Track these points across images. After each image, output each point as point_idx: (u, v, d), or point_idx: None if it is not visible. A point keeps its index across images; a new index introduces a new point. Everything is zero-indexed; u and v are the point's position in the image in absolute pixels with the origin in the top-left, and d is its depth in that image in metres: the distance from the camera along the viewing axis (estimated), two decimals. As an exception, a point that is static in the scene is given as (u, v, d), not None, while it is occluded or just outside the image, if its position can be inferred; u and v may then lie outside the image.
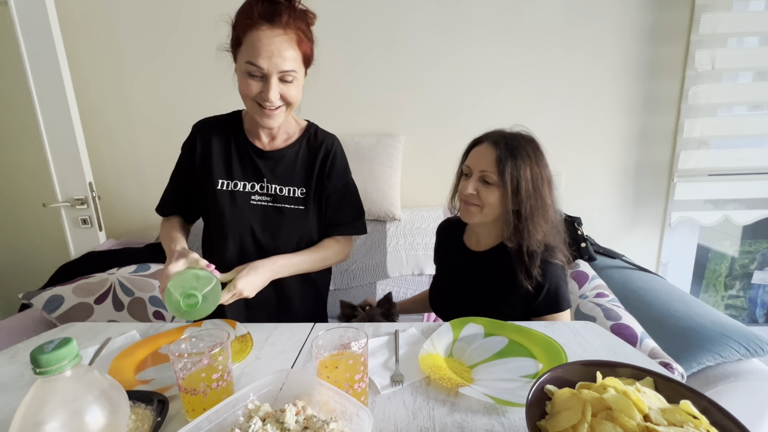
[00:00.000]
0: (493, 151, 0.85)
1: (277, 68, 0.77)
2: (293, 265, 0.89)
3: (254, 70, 0.77)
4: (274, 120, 0.83)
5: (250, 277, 0.79)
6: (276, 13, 0.75)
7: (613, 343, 0.75)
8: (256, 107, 0.82)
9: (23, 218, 1.73)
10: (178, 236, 0.88)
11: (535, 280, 0.85)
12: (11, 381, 0.67)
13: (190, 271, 0.70)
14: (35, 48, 1.50)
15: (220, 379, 0.55)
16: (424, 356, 0.68)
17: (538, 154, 0.87)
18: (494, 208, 0.87)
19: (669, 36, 1.59)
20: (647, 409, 0.42)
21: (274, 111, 0.81)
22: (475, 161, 0.89)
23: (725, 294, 1.99)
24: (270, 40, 0.75)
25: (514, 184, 0.83)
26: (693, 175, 1.67)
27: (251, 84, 0.79)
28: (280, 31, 0.76)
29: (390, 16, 1.61)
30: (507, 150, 0.84)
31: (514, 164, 0.83)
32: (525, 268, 0.85)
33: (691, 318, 1.07)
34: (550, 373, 0.51)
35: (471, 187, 0.87)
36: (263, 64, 0.76)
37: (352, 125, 1.72)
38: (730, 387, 0.93)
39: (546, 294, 0.86)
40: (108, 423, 0.33)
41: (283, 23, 0.76)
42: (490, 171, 0.85)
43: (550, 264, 0.86)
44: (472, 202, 0.88)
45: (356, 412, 0.47)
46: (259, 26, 0.75)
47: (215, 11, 0.80)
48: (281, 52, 0.76)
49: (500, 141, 0.86)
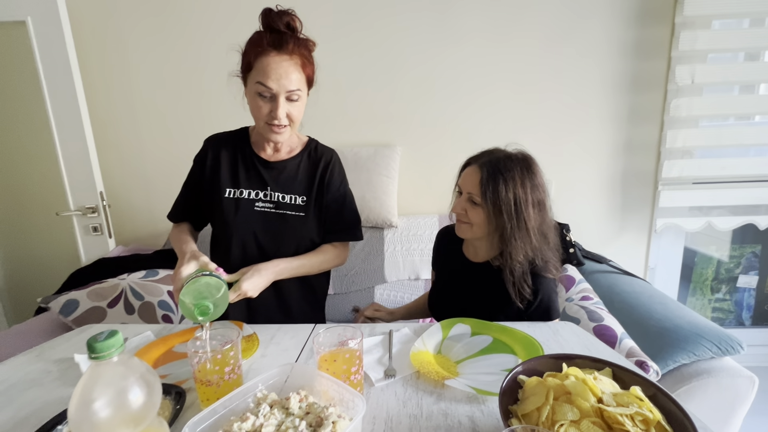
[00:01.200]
0: (478, 173, 0.90)
1: (284, 88, 0.86)
2: (294, 268, 0.95)
3: (264, 91, 0.86)
4: (282, 136, 0.92)
5: (253, 279, 0.85)
6: (283, 41, 0.85)
7: (589, 341, 0.82)
8: (266, 126, 0.90)
9: (38, 226, 1.81)
10: (188, 239, 0.95)
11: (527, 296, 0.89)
12: (40, 377, 0.74)
13: (202, 279, 0.74)
14: (51, 64, 1.58)
15: (232, 372, 0.62)
16: (415, 353, 0.75)
17: (529, 175, 0.88)
18: (482, 227, 0.92)
19: (651, 51, 1.68)
20: (600, 393, 0.49)
21: (282, 128, 0.90)
22: (464, 182, 0.95)
23: (712, 297, 2.06)
24: (278, 65, 0.85)
25: (497, 206, 0.88)
26: (677, 183, 1.75)
27: (262, 105, 0.88)
28: (287, 56, 0.86)
29: (386, 31, 1.70)
30: (491, 173, 0.88)
31: (495, 187, 0.87)
32: (514, 286, 0.90)
33: (669, 319, 1.14)
34: (523, 365, 0.58)
35: (460, 207, 0.94)
36: (272, 85, 0.85)
37: (351, 136, 1.80)
38: (703, 383, 0.99)
39: (538, 306, 0.91)
40: (146, 401, 0.40)
41: (289, 50, 0.86)
42: (474, 193, 0.91)
43: (543, 278, 0.91)
44: (462, 220, 0.95)
45: (352, 399, 0.54)
46: (269, 53, 0.85)
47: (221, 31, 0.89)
48: (288, 74, 0.86)
49: (487, 164, 0.90)
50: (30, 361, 0.79)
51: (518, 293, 0.90)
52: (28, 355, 0.82)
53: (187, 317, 0.74)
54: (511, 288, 0.90)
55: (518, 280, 0.90)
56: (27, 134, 1.73)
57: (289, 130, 0.92)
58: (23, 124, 1.72)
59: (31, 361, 0.79)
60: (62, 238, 1.78)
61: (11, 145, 1.74)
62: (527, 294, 0.89)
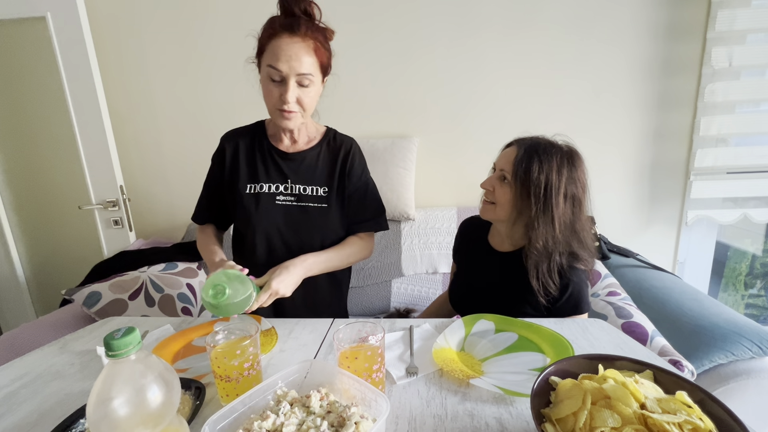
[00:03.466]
0: (515, 152, 0.88)
1: (294, 71, 0.83)
2: (322, 262, 0.93)
3: (274, 74, 0.84)
4: (291, 122, 0.89)
5: (283, 276, 0.83)
6: (295, 24, 0.83)
7: (620, 339, 0.78)
8: (276, 112, 0.88)
9: (61, 220, 1.85)
10: (216, 248, 0.94)
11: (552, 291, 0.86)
12: (63, 369, 0.74)
13: (221, 271, 0.76)
14: (70, 59, 1.60)
15: (251, 368, 0.61)
16: (437, 350, 0.72)
17: (568, 166, 0.85)
18: (505, 208, 0.90)
19: (685, 33, 1.58)
20: (644, 398, 0.46)
21: (291, 114, 0.87)
22: (500, 160, 0.93)
23: (746, 293, 1.96)
24: (289, 46, 0.82)
25: (526, 185, 0.85)
26: (710, 173, 1.65)
27: (272, 90, 0.86)
28: (299, 39, 0.83)
29: (403, 21, 1.65)
30: (528, 153, 0.86)
31: (528, 166, 0.85)
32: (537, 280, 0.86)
33: (703, 316, 1.08)
34: (555, 366, 0.55)
35: (489, 183, 0.93)
36: (282, 67, 0.82)
37: (368, 128, 1.77)
38: (741, 385, 0.94)
39: (569, 297, 0.87)
40: (165, 400, 0.38)
41: (301, 33, 0.83)
42: (507, 170, 0.89)
43: (574, 268, 0.87)
44: (488, 199, 0.93)
45: (375, 398, 0.52)
46: (280, 35, 0.83)
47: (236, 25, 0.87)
48: (299, 56, 0.83)
49: (527, 145, 0.88)
50: (54, 353, 0.80)
51: (543, 288, 0.86)
52: (53, 347, 0.83)
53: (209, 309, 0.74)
54: (534, 282, 0.86)
55: (543, 276, 0.86)
56: (49, 130, 1.76)
57: (299, 117, 0.89)
58: (45, 120, 1.75)
59: (54, 353, 0.80)
60: (85, 232, 1.82)
61: (35, 141, 1.78)
62: (552, 290, 0.86)
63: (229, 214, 1.03)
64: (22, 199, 1.84)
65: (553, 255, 0.86)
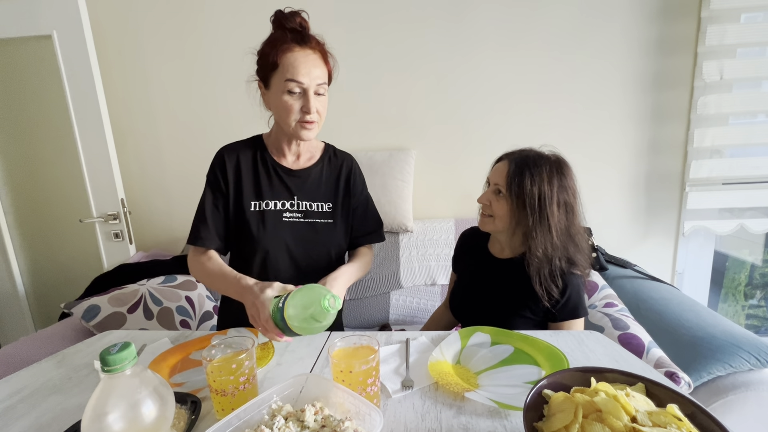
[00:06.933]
0: (507, 167, 0.93)
1: (314, 82, 0.85)
2: (352, 273, 0.92)
3: (294, 87, 0.84)
4: (312, 132, 0.89)
5: (335, 288, 0.83)
6: (305, 37, 0.86)
7: (616, 352, 0.78)
8: (298, 125, 0.88)
9: (61, 233, 1.87)
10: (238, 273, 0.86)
11: (555, 295, 0.89)
12: (61, 383, 0.75)
13: (304, 288, 0.70)
14: (74, 75, 1.64)
15: (247, 382, 0.61)
16: (433, 363, 0.72)
17: (558, 175, 0.90)
18: (504, 220, 0.94)
19: (676, 48, 1.61)
20: (634, 411, 0.46)
21: (313, 124, 0.88)
22: (493, 175, 0.98)
23: (746, 303, 1.95)
24: (306, 59, 0.85)
25: (521, 198, 0.90)
26: (706, 184, 1.67)
27: (292, 103, 0.85)
28: (310, 51, 0.86)
29: (401, 36, 1.69)
30: (519, 166, 0.90)
31: (521, 180, 0.89)
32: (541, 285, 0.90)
33: (701, 328, 1.08)
34: (548, 379, 0.55)
35: (485, 198, 0.97)
36: (304, 79, 0.84)
37: (366, 141, 1.79)
38: (740, 397, 0.93)
39: (567, 302, 0.91)
40: (159, 415, 0.39)
41: (312, 45, 0.86)
42: (501, 184, 0.93)
43: (571, 274, 0.91)
44: (486, 212, 0.97)
45: (369, 413, 0.52)
46: (293, 48, 0.84)
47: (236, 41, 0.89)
48: (316, 67, 0.86)
49: (517, 159, 0.92)
50: (52, 366, 0.80)
51: (546, 292, 0.90)
52: (51, 361, 0.83)
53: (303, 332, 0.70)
54: (538, 287, 0.90)
55: (545, 280, 0.90)
56: (52, 145, 1.79)
57: (317, 127, 0.90)
58: (48, 135, 1.78)
59: (53, 366, 0.81)
60: (85, 245, 1.83)
61: (37, 154, 1.80)
62: (555, 293, 0.89)
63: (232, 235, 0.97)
64: (24, 212, 1.86)
65: (553, 260, 0.90)
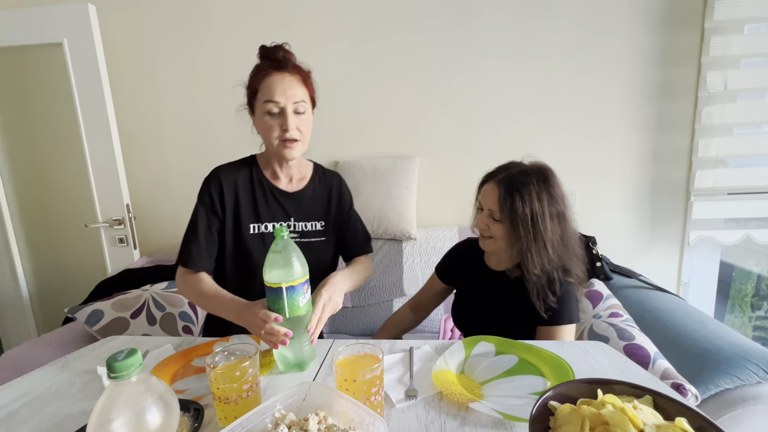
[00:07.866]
0: (496, 191, 0.93)
1: (290, 100, 0.89)
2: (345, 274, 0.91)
3: (272, 107, 0.89)
4: (294, 150, 0.92)
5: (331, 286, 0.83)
6: (282, 63, 0.91)
7: (622, 363, 0.77)
8: (279, 144, 0.91)
9: (66, 238, 1.88)
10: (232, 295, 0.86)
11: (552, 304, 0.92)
12: (64, 388, 0.75)
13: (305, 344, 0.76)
14: (84, 82, 1.66)
15: (250, 390, 0.61)
16: (437, 372, 0.72)
17: (545, 188, 0.91)
18: (503, 240, 0.96)
19: (679, 58, 1.62)
20: (642, 424, 0.45)
21: (294, 143, 0.91)
22: (484, 199, 0.98)
23: (753, 315, 1.93)
24: (282, 80, 0.89)
25: (515, 221, 0.91)
26: (711, 193, 1.66)
27: (272, 123, 0.90)
28: (288, 74, 0.91)
29: (404, 44, 1.71)
30: (508, 190, 0.91)
31: (512, 204, 0.90)
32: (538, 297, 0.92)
33: (708, 339, 1.07)
34: (554, 390, 0.55)
35: (482, 223, 0.98)
36: (280, 98, 0.88)
37: (370, 148, 1.80)
38: (749, 410, 0.92)
39: (559, 307, 0.93)
40: (163, 422, 0.39)
41: (289, 69, 0.91)
42: (494, 210, 0.94)
43: (566, 281, 0.94)
44: (485, 235, 0.99)
45: (372, 422, 0.52)
46: (271, 73, 0.90)
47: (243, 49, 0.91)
48: (292, 87, 0.90)
49: (503, 181, 0.93)
50: (54, 372, 0.80)
51: (543, 303, 0.92)
52: (54, 366, 0.83)
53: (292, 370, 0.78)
54: (535, 300, 0.92)
55: (542, 291, 0.92)
56: (59, 150, 1.81)
57: (300, 146, 0.92)
58: (56, 141, 1.81)
59: (55, 372, 0.80)
60: (90, 249, 1.84)
61: (45, 160, 1.82)
62: (552, 303, 0.91)
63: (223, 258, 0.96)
64: (30, 216, 1.88)
65: (551, 274, 0.92)
